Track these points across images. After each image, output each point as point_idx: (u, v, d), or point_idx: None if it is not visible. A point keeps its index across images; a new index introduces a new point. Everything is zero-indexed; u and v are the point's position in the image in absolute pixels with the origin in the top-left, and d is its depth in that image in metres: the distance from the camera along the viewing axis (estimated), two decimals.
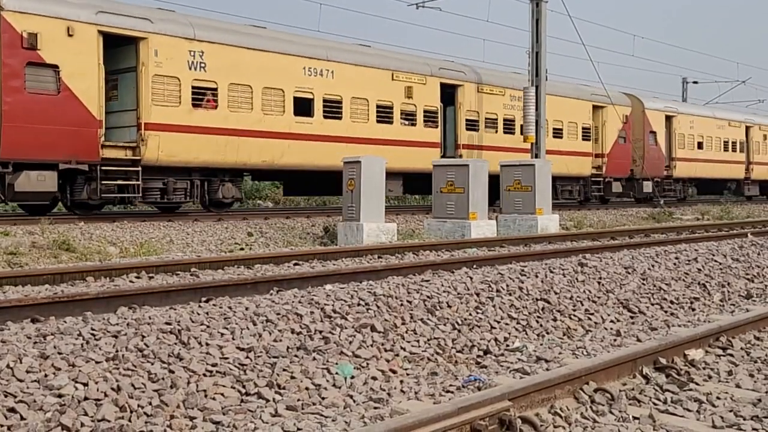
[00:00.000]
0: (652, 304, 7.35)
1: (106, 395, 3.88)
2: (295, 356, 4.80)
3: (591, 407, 3.96)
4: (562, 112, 24.70)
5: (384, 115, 20.02)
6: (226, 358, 4.55)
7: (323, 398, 4.30)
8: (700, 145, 31.96)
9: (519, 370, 4.64)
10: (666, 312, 7.25)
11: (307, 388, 4.42)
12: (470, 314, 6.10)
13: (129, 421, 3.73)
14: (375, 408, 4.03)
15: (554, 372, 4.13)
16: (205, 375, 4.31)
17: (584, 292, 7.18)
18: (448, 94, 22.18)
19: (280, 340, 4.95)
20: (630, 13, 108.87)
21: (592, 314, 6.74)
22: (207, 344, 4.69)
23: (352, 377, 4.66)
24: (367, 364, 4.92)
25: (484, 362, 5.28)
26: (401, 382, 4.68)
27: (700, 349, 5.12)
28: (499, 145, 22.99)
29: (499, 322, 6.09)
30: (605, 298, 7.18)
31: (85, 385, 3.92)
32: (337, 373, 4.65)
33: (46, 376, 4.01)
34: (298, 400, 4.24)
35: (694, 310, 7.43)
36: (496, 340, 5.76)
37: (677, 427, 3.73)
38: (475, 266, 8.96)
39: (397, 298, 6.07)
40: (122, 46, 15.67)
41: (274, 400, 4.21)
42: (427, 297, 6.21)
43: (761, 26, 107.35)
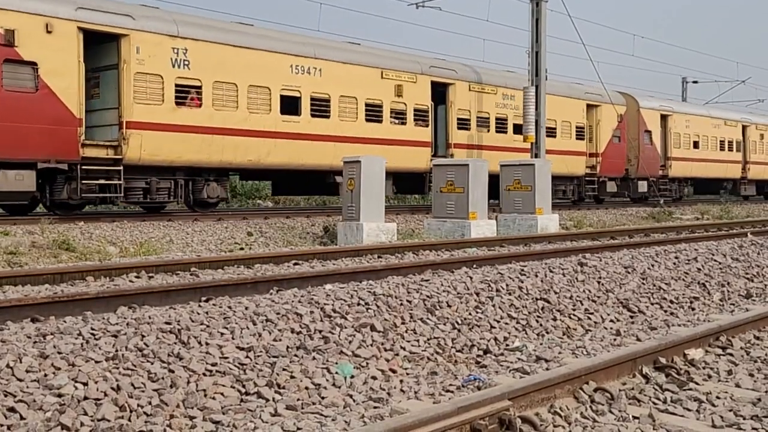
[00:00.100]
0: (652, 304, 7.35)
1: (105, 395, 3.88)
2: (295, 356, 4.80)
3: (591, 407, 3.96)
4: (556, 111, 24.46)
5: (373, 113, 19.80)
6: (226, 358, 4.55)
7: (323, 398, 4.30)
8: (696, 145, 31.79)
9: (519, 370, 4.64)
10: (666, 311, 7.25)
11: (306, 388, 4.42)
12: (470, 314, 6.10)
13: (129, 420, 3.74)
14: (375, 407, 4.03)
15: (554, 371, 4.13)
16: (204, 374, 4.31)
17: (584, 291, 7.18)
18: (440, 92, 22.00)
19: (280, 340, 4.95)
20: (630, 13, 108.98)
21: (592, 314, 6.74)
22: (207, 344, 4.69)
23: (352, 377, 4.66)
24: (367, 363, 4.92)
25: (483, 362, 5.28)
26: (401, 381, 4.68)
27: (700, 348, 5.12)
28: (492, 145, 22.87)
29: (498, 322, 6.09)
30: (605, 297, 7.18)
31: (85, 384, 3.93)
32: (336, 373, 4.65)
33: (45, 375, 4.01)
34: (298, 399, 4.24)
35: (693, 309, 7.44)
36: (495, 339, 5.76)
37: (677, 427, 3.74)
38: (474, 266, 8.97)
39: (397, 297, 6.07)
40: (104, 43, 15.45)
41: (273, 399, 4.22)
42: (427, 297, 6.21)
43: (761, 26, 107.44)
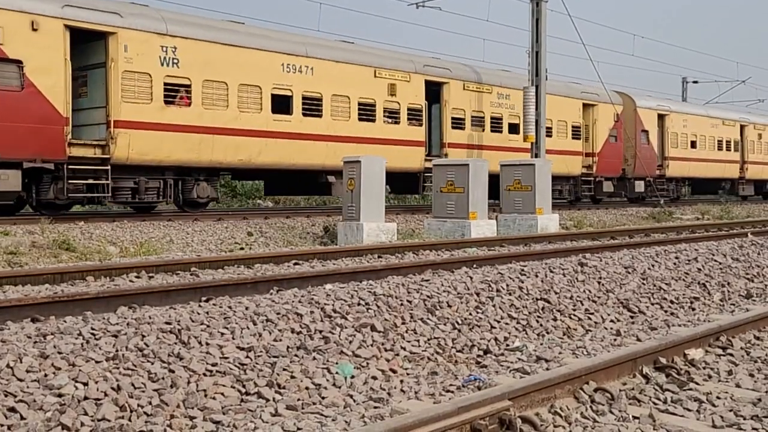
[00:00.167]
0: (652, 304, 7.35)
1: (106, 395, 3.88)
2: (295, 356, 4.80)
3: (591, 407, 3.96)
4: (552, 111, 24.23)
5: (366, 113, 19.65)
6: (226, 358, 4.55)
7: (323, 398, 4.30)
8: (693, 144, 31.67)
9: (519, 370, 4.64)
10: (666, 312, 7.25)
11: (307, 388, 4.42)
12: (470, 314, 6.10)
13: (129, 420, 3.73)
14: (375, 407, 4.03)
15: (554, 372, 4.12)
16: (205, 374, 4.31)
17: (584, 291, 7.18)
18: (434, 91, 21.86)
19: (280, 340, 4.95)
20: (630, 12, 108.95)
21: (592, 314, 6.74)
22: (207, 344, 4.69)
23: (352, 377, 4.66)
24: (367, 363, 4.92)
25: (484, 362, 5.28)
26: (401, 381, 4.68)
27: (700, 348, 5.12)
28: (487, 144, 22.79)
29: (499, 322, 6.09)
30: (605, 297, 7.18)
31: (85, 384, 3.93)
32: (337, 373, 4.65)
33: (46, 375, 4.01)
34: (298, 399, 4.24)
35: (694, 309, 7.43)
36: (496, 339, 5.76)
37: (677, 427, 3.73)
38: (475, 266, 8.97)
39: (397, 297, 6.07)
40: (92, 41, 15.31)
41: (274, 399, 4.22)
42: (427, 297, 6.21)
43: (761, 26, 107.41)
